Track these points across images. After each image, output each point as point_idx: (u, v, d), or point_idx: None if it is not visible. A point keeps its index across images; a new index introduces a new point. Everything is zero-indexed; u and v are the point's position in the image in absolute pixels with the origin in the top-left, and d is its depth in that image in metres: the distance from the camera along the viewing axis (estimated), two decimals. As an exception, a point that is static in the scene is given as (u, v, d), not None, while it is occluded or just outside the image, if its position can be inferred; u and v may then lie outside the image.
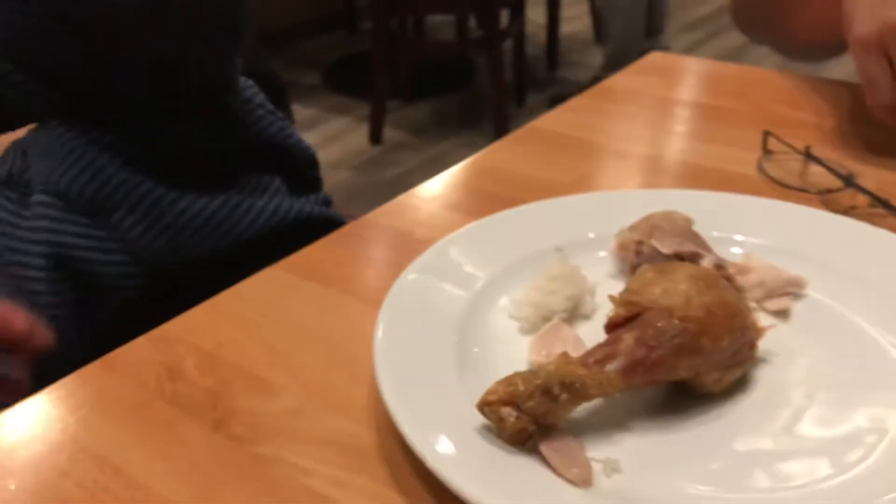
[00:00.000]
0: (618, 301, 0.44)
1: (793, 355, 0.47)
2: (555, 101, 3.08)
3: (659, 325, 0.41)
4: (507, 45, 2.99)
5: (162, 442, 0.44)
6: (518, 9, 3.06)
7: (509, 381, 0.39)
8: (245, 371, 0.48)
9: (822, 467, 0.39)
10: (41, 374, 0.53)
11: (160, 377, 0.48)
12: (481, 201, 0.66)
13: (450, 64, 3.41)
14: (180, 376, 0.48)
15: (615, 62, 3.00)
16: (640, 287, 0.44)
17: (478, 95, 3.31)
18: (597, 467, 0.39)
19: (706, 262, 0.49)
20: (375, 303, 0.49)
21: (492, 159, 0.74)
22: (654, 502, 0.38)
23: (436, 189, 0.69)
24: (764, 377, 0.45)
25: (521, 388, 0.39)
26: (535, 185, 0.68)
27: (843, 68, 3.38)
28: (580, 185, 0.68)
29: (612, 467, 0.39)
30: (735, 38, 3.93)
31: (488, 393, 0.39)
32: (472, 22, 3.50)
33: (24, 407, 0.47)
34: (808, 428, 0.42)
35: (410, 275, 0.51)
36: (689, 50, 3.82)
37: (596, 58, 3.51)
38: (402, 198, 0.68)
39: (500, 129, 2.86)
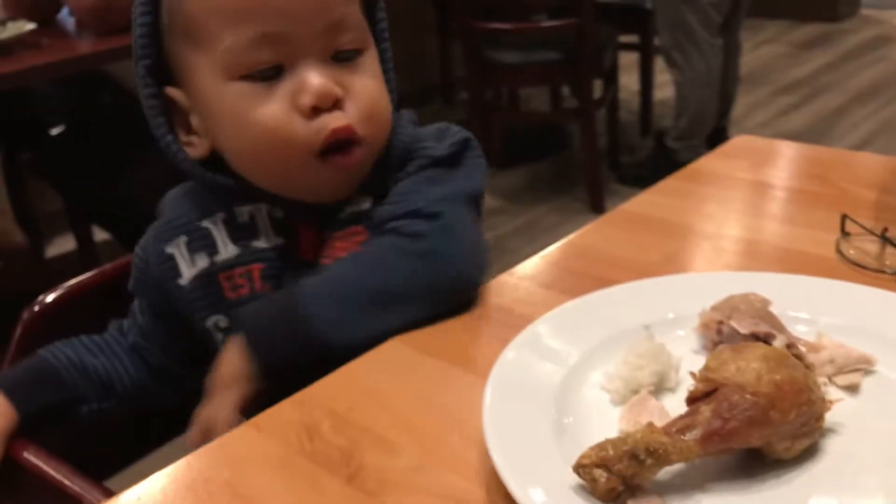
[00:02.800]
0: (697, 377, 0.50)
1: (860, 427, 0.52)
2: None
3: (733, 399, 0.47)
4: (601, 112, 3.07)
5: (304, 492, 0.52)
6: (612, 78, 3.15)
7: (601, 446, 0.46)
8: (372, 432, 0.56)
9: (883, 529, 0.44)
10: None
11: (300, 436, 0.57)
12: (574, 280, 0.73)
13: (543, 130, 3.50)
14: (318, 436, 0.56)
15: (689, 135, 3.04)
16: (717, 365, 0.50)
17: (571, 161, 3.39)
18: (678, 523, 0.45)
19: (778, 342, 0.55)
20: (483, 375, 0.57)
21: (584, 240, 0.81)
22: (729, 555, 0.43)
23: (532, 269, 0.77)
24: (832, 446, 0.50)
25: (611, 452, 0.45)
26: (624, 265, 0.75)
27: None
28: (667, 265, 0.75)
29: (693, 523, 0.45)
30: (831, 101, 3.92)
31: (582, 457, 0.46)
32: (566, 88, 3.61)
33: (187, 461, 0.56)
34: (872, 495, 0.47)
35: (510, 353, 0.58)
36: (784, 113, 3.81)
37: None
38: (503, 277, 0.75)
39: (594, 194, 2.93)
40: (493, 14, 2.69)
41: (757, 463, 0.49)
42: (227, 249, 0.74)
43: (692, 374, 0.51)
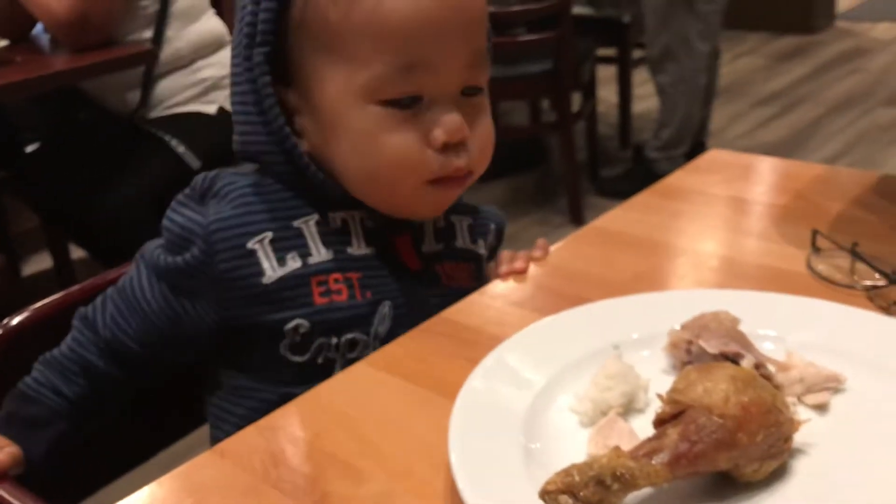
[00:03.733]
0: (665, 399, 0.50)
1: (830, 446, 0.51)
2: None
3: (700, 421, 0.47)
4: (580, 124, 3.08)
5: (269, 522, 0.51)
6: (590, 91, 3.16)
7: (566, 472, 0.45)
8: (338, 459, 0.55)
9: (851, 552, 0.44)
10: None
11: (265, 463, 0.56)
12: (546, 298, 0.73)
13: (523, 144, 3.50)
14: (283, 462, 0.56)
15: (672, 145, 3.05)
16: (685, 386, 0.49)
17: (551, 174, 3.40)
18: (646, 549, 0.44)
19: (746, 362, 0.55)
20: (452, 397, 0.56)
21: (556, 258, 0.80)
22: (697, 581, 0.43)
23: (504, 287, 0.76)
24: (802, 467, 0.50)
25: (577, 478, 0.45)
26: (596, 283, 0.74)
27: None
28: (638, 282, 0.74)
29: (660, 549, 0.44)
30: (808, 112, 3.95)
31: (548, 483, 0.45)
32: (545, 102, 3.61)
33: (150, 489, 0.55)
34: (841, 515, 0.46)
35: (476, 380, 0.58)
36: (762, 125, 3.84)
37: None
38: (474, 296, 0.75)
39: (574, 207, 2.93)
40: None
41: (726, 486, 0.48)
42: (320, 253, 0.73)
43: (659, 395, 0.50)
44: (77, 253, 2.37)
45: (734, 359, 0.55)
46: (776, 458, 0.49)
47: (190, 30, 2.32)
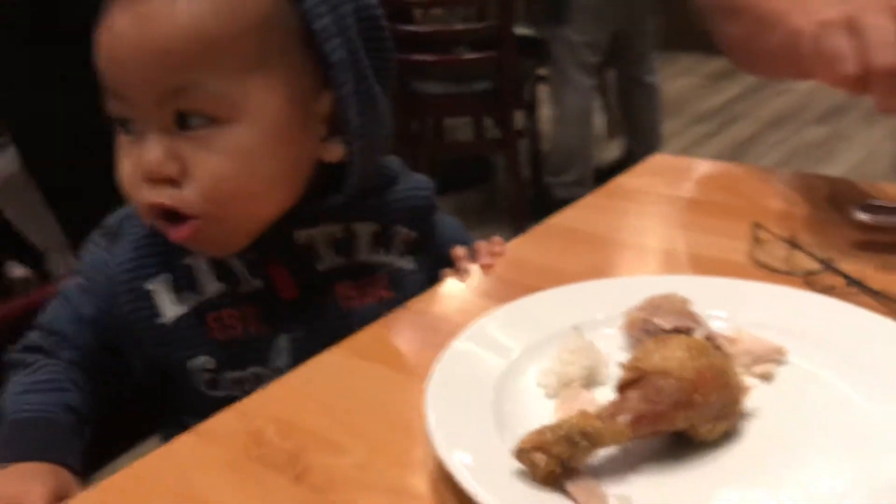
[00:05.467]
0: (626, 367, 0.53)
1: (774, 411, 0.56)
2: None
3: (659, 384, 0.51)
4: (523, 142, 3.15)
5: (253, 493, 0.53)
6: (532, 109, 3.23)
7: (539, 431, 0.49)
8: (317, 435, 0.58)
9: (799, 501, 0.48)
10: None
11: (247, 443, 0.58)
12: (507, 289, 0.76)
13: (468, 161, 3.56)
14: (263, 441, 0.58)
15: (557, 171, 3.12)
16: (644, 355, 0.53)
17: (496, 191, 3.45)
18: (612, 501, 0.48)
19: (698, 334, 0.59)
20: (421, 377, 0.59)
21: (514, 252, 0.84)
22: (660, 529, 0.47)
23: (466, 280, 0.79)
24: (750, 429, 0.54)
25: (549, 436, 0.48)
26: (553, 275, 0.78)
27: (837, 166, 3.49)
28: (592, 273, 0.78)
29: (625, 501, 0.48)
30: (743, 129, 4.08)
31: (522, 441, 0.49)
32: (489, 121, 3.68)
33: (133, 468, 0.57)
34: (784, 472, 0.51)
35: (459, 343, 0.61)
36: (699, 142, 3.96)
37: (607, 151, 3.66)
38: (438, 287, 0.78)
39: (519, 223, 2.99)
40: (417, 46, 2.74)
41: (683, 445, 0.52)
42: (211, 288, 0.75)
43: (621, 364, 0.54)
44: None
45: (688, 333, 0.59)
46: (728, 420, 0.53)
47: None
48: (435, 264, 0.85)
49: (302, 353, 0.72)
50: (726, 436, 0.53)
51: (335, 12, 0.69)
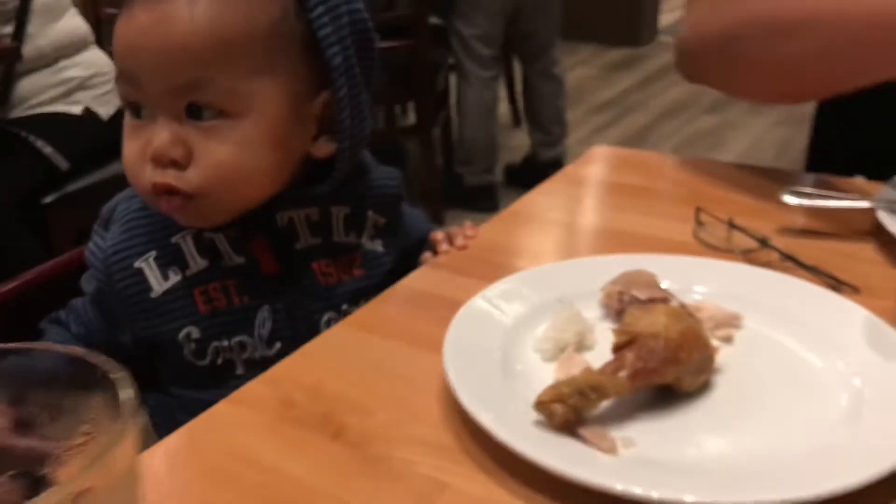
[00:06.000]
0: (618, 332, 0.62)
1: (737, 368, 0.66)
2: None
3: (650, 345, 0.60)
4: (436, 129, 3.23)
5: (297, 450, 0.60)
6: (444, 98, 3.32)
7: (554, 386, 0.57)
8: (345, 398, 0.65)
9: (765, 436, 0.58)
10: None
11: (279, 407, 0.64)
12: (485, 268, 0.84)
13: (383, 149, 3.62)
14: (295, 406, 0.64)
15: (465, 161, 3.25)
16: (633, 321, 0.62)
17: (409, 178, 3.53)
18: (618, 442, 0.57)
19: (673, 304, 0.68)
20: (429, 348, 0.66)
21: (485, 236, 0.92)
22: (657, 462, 0.56)
23: (446, 259, 0.87)
24: (721, 382, 0.64)
25: (565, 390, 0.57)
26: (523, 254, 0.87)
27: (728, 153, 3.69)
28: (559, 252, 0.87)
29: (628, 442, 0.57)
30: (639, 119, 4.28)
31: (541, 395, 0.57)
32: (398, 108, 3.75)
33: (179, 434, 0.62)
34: (748, 415, 0.61)
35: (460, 319, 0.69)
36: (598, 131, 4.13)
37: (514, 139, 3.79)
38: (423, 269, 0.85)
39: (434, 208, 3.07)
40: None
41: (668, 395, 0.62)
42: (196, 263, 0.81)
43: (613, 330, 0.63)
44: None
45: (662, 301, 0.69)
46: (705, 373, 0.62)
47: (53, 27, 2.28)
48: (402, 249, 0.92)
49: (282, 323, 0.83)
50: (704, 387, 0.63)
51: (336, 21, 0.76)
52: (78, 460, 0.36)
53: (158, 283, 0.81)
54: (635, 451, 0.57)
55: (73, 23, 2.33)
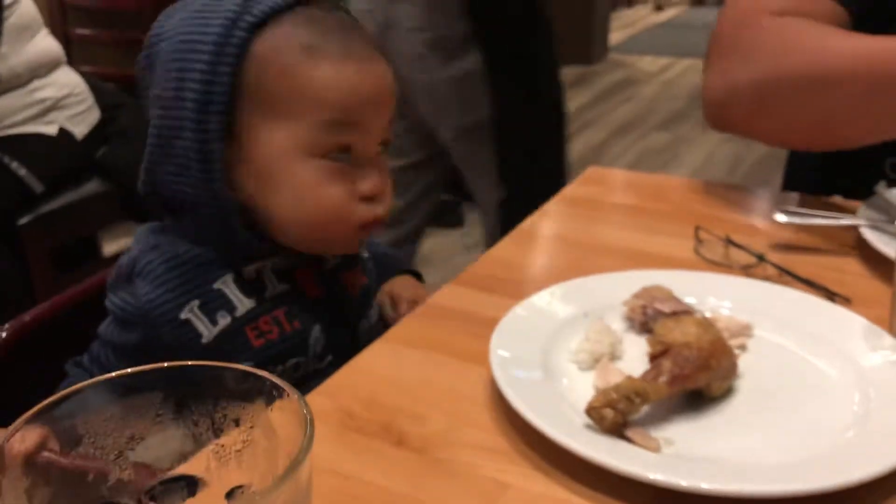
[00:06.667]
0: (653, 342, 0.69)
1: (754, 373, 0.72)
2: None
3: (685, 353, 0.66)
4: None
5: (367, 455, 0.64)
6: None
7: (604, 392, 0.63)
8: (400, 409, 0.70)
9: (786, 434, 0.65)
10: None
11: (342, 418, 0.69)
12: (507, 286, 0.90)
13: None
14: (355, 416, 0.69)
15: None
16: (665, 332, 0.69)
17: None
18: (660, 441, 0.63)
19: (697, 316, 0.75)
20: (472, 361, 0.72)
21: (499, 255, 0.98)
22: (693, 458, 0.62)
23: (469, 278, 0.93)
24: (742, 385, 0.71)
25: (614, 395, 0.63)
26: (540, 272, 0.93)
27: (682, 169, 3.78)
28: (570, 270, 0.93)
29: (668, 441, 0.63)
30: (595, 135, 4.39)
31: (592, 401, 0.63)
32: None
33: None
34: (767, 415, 0.67)
35: (498, 336, 0.74)
36: (557, 146, 4.22)
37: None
38: (449, 286, 0.91)
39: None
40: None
41: (697, 399, 0.68)
42: (244, 304, 0.84)
43: (648, 340, 0.69)
44: None
45: (685, 314, 0.75)
46: (730, 379, 0.69)
47: (26, 48, 2.29)
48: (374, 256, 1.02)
49: (333, 338, 0.89)
50: (729, 390, 0.69)
51: None
52: (236, 463, 0.41)
53: (208, 330, 0.82)
54: (675, 449, 0.63)
55: (46, 43, 2.34)
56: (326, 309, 0.89)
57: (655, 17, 7.67)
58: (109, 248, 2.63)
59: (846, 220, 0.97)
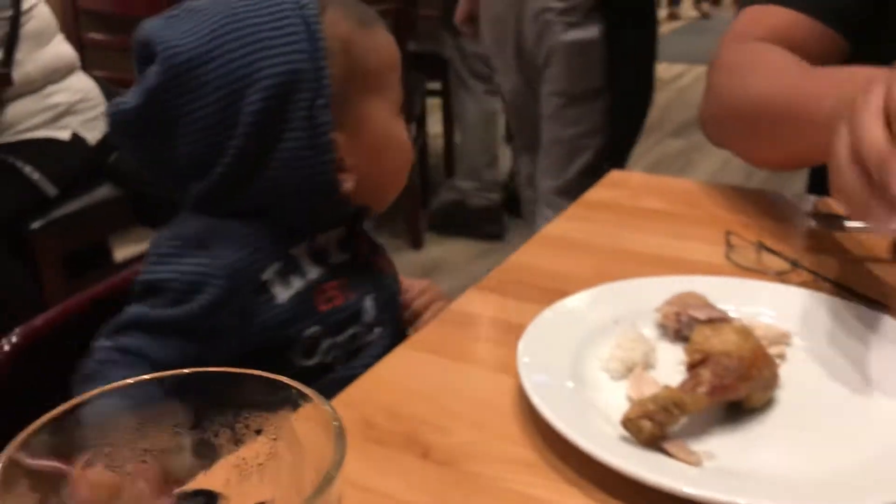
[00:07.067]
0: (691, 351, 0.65)
1: (795, 382, 0.69)
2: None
3: (724, 363, 0.63)
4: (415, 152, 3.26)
5: (393, 468, 0.62)
6: (421, 122, 3.35)
7: (641, 403, 0.60)
8: (423, 420, 0.67)
9: (831, 448, 0.62)
10: None
11: (363, 428, 0.66)
12: (529, 291, 0.87)
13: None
14: (378, 427, 0.66)
15: (466, 176, 3.32)
16: (703, 340, 0.66)
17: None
18: (701, 455, 0.60)
19: (735, 323, 0.72)
20: (494, 369, 0.69)
21: (521, 260, 0.95)
22: (735, 472, 0.59)
23: (491, 283, 0.90)
24: (783, 397, 0.67)
25: (651, 407, 0.59)
26: (564, 278, 0.89)
27: (698, 174, 3.73)
28: (596, 276, 0.90)
29: (709, 455, 0.60)
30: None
31: (629, 413, 0.60)
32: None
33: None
34: (809, 426, 0.64)
35: (526, 345, 0.71)
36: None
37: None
38: (470, 292, 0.88)
39: (413, 232, 3.10)
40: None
41: (737, 412, 0.65)
42: (313, 270, 0.88)
43: (685, 348, 0.66)
44: None
45: (721, 321, 0.72)
46: (772, 390, 0.66)
47: (41, 53, 2.28)
48: None
49: (380, 309, 0.92)
50: (768, 402, 0.66)
51: None
52: (258, 476, 0.38)
53: (284, 291, 0.85)
54: (717, 463, 0.60)
55: (61, 48, 2.33)
56: (372, 280, 0.94)
57: (670, 25, 7.65)
58: (121, 253, 2.61)
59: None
